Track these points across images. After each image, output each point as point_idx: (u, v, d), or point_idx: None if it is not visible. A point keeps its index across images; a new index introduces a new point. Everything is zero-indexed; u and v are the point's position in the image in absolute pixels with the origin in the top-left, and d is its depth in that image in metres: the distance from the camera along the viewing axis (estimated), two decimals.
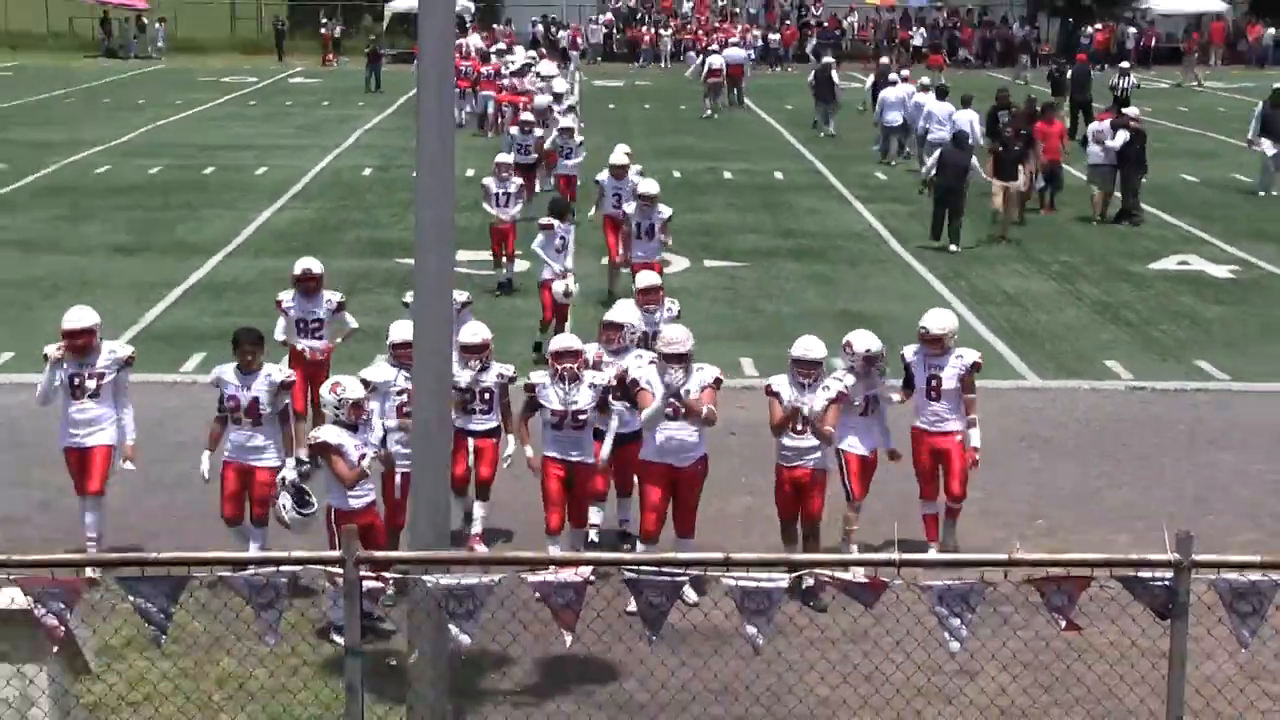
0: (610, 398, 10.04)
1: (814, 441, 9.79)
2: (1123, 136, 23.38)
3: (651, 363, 9.87)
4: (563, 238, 15.86)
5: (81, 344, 10.11)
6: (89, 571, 7.44)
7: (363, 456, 9.06)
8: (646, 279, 12.40)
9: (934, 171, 22.06)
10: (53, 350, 10.15)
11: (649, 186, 16.87)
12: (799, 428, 9.76)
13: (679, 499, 9.79)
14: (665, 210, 16.71)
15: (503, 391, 10.61)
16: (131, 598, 6.29)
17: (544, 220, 16.08)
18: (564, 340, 10.19)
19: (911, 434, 10.52)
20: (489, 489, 10.64)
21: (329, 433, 9.06)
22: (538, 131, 23.45)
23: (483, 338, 10.53)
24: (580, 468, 9.98)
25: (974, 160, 21.58)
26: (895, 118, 29.82)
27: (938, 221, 21.66)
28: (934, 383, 10.35)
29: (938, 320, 10.50)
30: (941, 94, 27.74)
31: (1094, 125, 25.09)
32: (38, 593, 6.21)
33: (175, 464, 12.03)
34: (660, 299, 12.03)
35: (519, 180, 18.88)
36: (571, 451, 9.94)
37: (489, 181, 18.62)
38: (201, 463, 10.07)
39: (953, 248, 21.27)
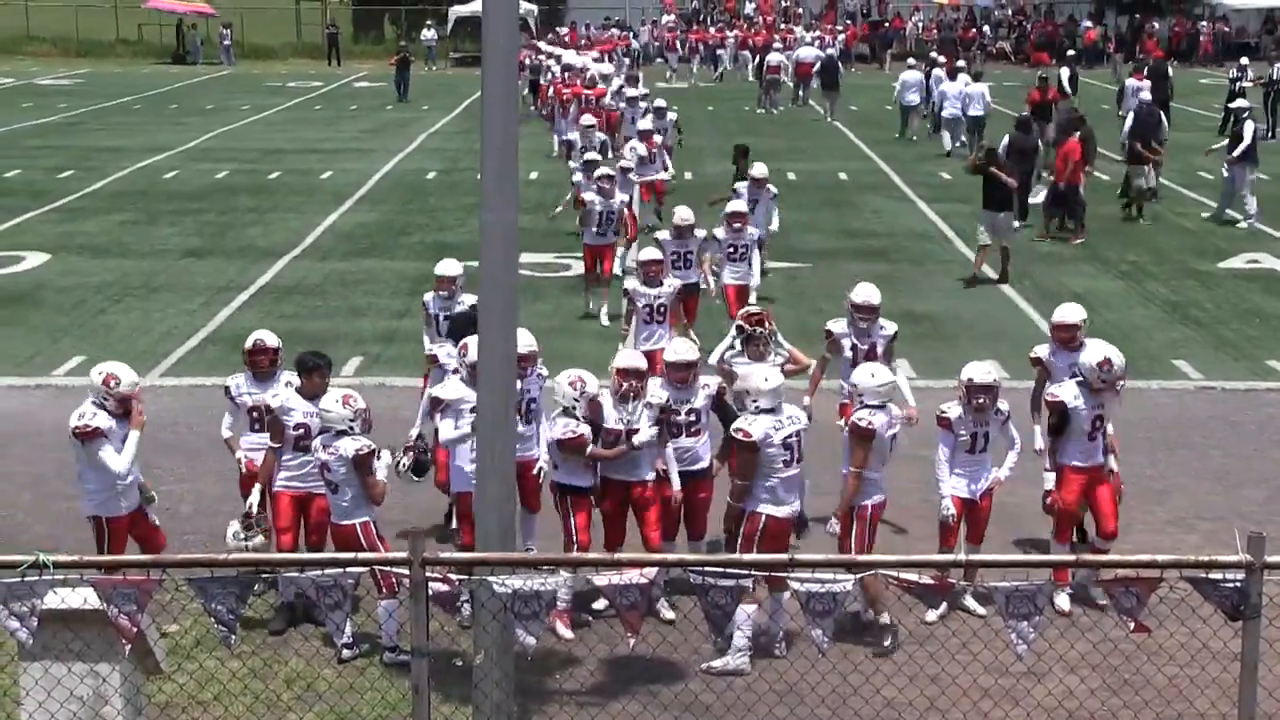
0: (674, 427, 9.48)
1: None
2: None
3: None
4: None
5: None
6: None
7: None
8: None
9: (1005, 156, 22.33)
10: None
11: (868, 293, 11.03)
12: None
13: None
14: (889, 325, 11.15)
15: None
16: (201, 599, 6.38)
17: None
18: (631, 358, 9.48)
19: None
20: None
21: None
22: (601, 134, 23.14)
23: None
24: (635, 487, 9.28)
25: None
26: (913, 99, 33.26)
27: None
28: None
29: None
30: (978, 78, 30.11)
31: None
32: (109, 593, 6.30)
33: None
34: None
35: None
36: (633, 472, 9.25)
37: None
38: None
39: (1016, 224, 21.34)
